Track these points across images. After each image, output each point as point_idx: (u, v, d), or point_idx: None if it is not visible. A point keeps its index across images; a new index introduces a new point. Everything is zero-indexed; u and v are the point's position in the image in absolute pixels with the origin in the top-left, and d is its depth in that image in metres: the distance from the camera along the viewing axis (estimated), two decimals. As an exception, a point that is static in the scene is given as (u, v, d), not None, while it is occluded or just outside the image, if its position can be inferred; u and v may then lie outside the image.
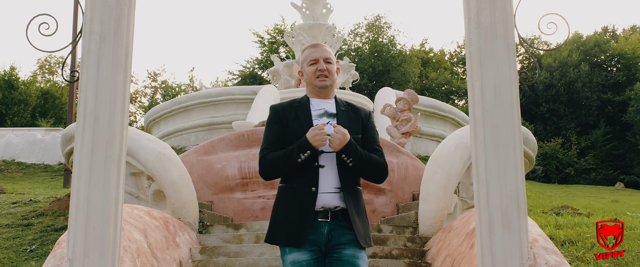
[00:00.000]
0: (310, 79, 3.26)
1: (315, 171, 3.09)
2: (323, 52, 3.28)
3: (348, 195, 3.10)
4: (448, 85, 41.60)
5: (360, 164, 3.10)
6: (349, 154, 3.07)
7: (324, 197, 3.07)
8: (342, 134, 3.07)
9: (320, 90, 3.26)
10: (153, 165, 6.36)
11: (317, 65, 3.24)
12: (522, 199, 3.34)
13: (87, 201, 3.41)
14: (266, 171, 3.16)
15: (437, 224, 6.33)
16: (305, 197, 3.06)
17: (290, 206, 3.08)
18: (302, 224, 3.03)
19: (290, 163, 3.07)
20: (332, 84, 3.27)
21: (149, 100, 45.84)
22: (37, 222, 8.21)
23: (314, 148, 3.05)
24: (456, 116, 18.64)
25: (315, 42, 3.38)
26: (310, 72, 3.25)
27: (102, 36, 3.59)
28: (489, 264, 3.32)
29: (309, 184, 3.07)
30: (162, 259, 5.21)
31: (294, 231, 3.04)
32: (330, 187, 3.09)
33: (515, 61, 3.45)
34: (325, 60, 3.26)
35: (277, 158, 3.10)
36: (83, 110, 3.52)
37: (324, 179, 3.09)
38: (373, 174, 3.18)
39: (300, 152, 3.05)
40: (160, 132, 18.58)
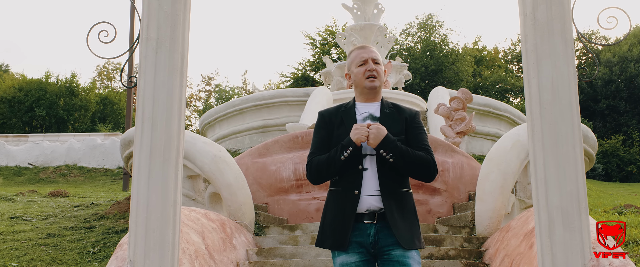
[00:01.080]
0: (359, 80, 3.24)
1: (359, 174, 3.09)
2: (371, 53, 3.26)
3: (389, 197, 3.07)
4: (502, 84, 40.90)
5: (402, 160, 3.06)
6: (387, 149, 3.05)
7: (367, 199, 3.07)
8: (376, 128, 3.06)
9: (368, 92, 3.24)
10: (209, 168, 6.45)
11: (366, 66, 3.22)
12: (583, 198, 3.26)
13: (147, 204, 3.47)
14: (313, 175, 3.19)
15: (494, 224, 6.23)
16: (348, 200, 3.07)
17: (336, 210, 3.11)
18: (345, 227, 3.05)
19: (334, 163, 3.07)
20: (380, 85, 3.25)
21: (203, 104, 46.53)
22: (99, 224, 8.43)
23: (355, 145, 3.05)
24: (511, 114, 18.31)
25: (362, 44, 3.37)
26: (359, 73, 3.24)
27: (159, 42, 3.66)
28: (549, 265, 3.25)
29: (351, 187, 3.08)
30: (220, 261, 5.28)
31: (338, 234, 3.06)
32: (372, 189, 3.08)
33: (573, 57, 3.36)
34: (374, 61, 3.24)
35: (322, 160, 3.13)
36: (141, 115, 3.59)
37: (367, 181, 3.08)
38: (418, 171, 3.13)
39: (343, 150, 3.05)
40: (215, 135, 18.82)
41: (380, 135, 3.05)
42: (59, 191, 13.18)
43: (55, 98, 35.66)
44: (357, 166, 3.09)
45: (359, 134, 3.04)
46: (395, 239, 3.04)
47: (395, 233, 3.02)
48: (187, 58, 3.77)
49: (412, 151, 3.11)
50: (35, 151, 21.13)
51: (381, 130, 3.07)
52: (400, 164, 3.07)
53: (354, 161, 3.09)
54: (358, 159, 3.09)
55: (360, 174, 3.09)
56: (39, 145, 21.39)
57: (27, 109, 35.17)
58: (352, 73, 3.29)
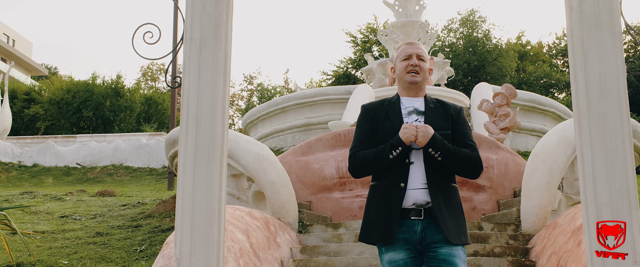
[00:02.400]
0: (401, 74, 3.25)
1: (406, 168, 3.07)
2: (417, 49, 3.27)
3: (437, 191, 3.05)
4: (547, 79, 40.19)
5: (449, 158, 3.05)
6: (435, 147, 3.04)
7: (413, 193, 3.05)
8: (425, 127, 3.05)
9: (410, 87, 3.23)
10: (253, 166, 6.50)
11: (410, 61, 3.23)
12: (634, 194, 3.19)
13: (192, 203, 3.52)
14: (356, 169, 3.17)
15: (541, 221, 6.14)
16: (394, 193, 3.05)
17: (380, 204, 3.08)
18: (391, 220, 3.02)
19: (381, 160, 3.06)
20: (422, 81, 3.24)
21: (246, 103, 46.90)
22: (145, 223, 8.57)
23: (405, 145, 3.04)
24: (557, 110, 17.99)
25: (410, 40, 3.36)
26: (402, 67, 3.24)
27: (202, 42, 3.70)
28: (599, 263, 3.19)
29: (397, 180, 3.06)
30: (264, 259, 5.32)
31: (384, 228, 3.03)
32: (419, 183, 3.06)
33: (622, 51, 3.29)
34: (418, 56, 3.24)
35: (368, 155, 3.11)
36: (186, 115, 3.64)
37: (413, 175, 3.07)
38: (465, 168, 3.11)
39: (392, 149, 3.04)
40: (257, 134, 18.96)
41: (428, 134, 3.04)
42: (106, 191, 13.46)
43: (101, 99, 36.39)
44: (403, 160, 3.08)
45: (409, 134, 3.03)
46: (442, 236, 3.01)
47: (443, 227, 2.99)
48: (230, 58, 3.81)
49: (459, 149, 3.10)
50: (83, 151, 21.60)
51: (429, 129, 3.06)
52: (447, 162, 3.06)
53: (401, 156, 3.08)
54: (405, 153, 3.08)
55: (407, 167, 3.07)
56: (87, 145, 21.86)
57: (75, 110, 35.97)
58: (396, 67, 3.30)
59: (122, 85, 38.46)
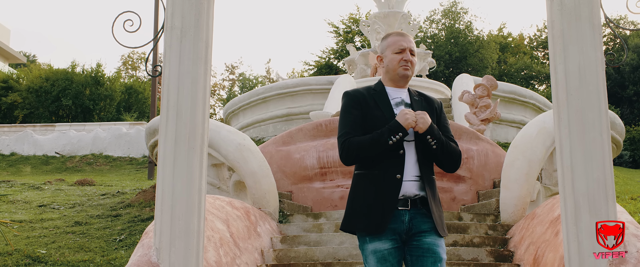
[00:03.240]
0: (393, 66, 3.22)
1: (401, 159, 3.06)
2: (410, 43, 3.26)
3: (427, 183, 3.08)
4: (528, 70, 40.45)
5: (442, 148, 3.09)
6: (433, 135, 3.06)
7: (406, 185, 3.05)
8: (424, 114, 3.07)
9: (399, 80, 3.23)
10: (233, 156, 6.48)
11: (403, 55, 3.21)
12: (610, 185, 3.23)
13: (172, 192, 3.51)
14: (350, 154, 3.09)
15: (519, 212, 6.19)
16: (388, 184, 3.03)
17: (370, 193, 3.06)
18: (384, 211, 3.01)
19: (379, 145, 3.03)
20: (411, 75, 3.26)
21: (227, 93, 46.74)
22: (125, 213, 8.53)
23: (405, 130, 3.04)
24: (537, 101, 18.13)
25: (403, 32, 3.35)
26: (395, 60, 3.22)
27: (183, 31, 3.68)
28: (575, 252, 3.23)
29: (392, 171, 3.05)
30: (244, 248, 5.31)
31: (375, 218, 3.02)
32: (411, 175, 3.07)
33: (601, 43, 3.32)
34: (411, 51, 3.24)
35: (365, 141, 3.06)
36: (166, 104, 3.62)
37: (406, 167, 3.07)
38: (450, 161, 3.15)
39: (391, 134, 3.03)
40: (239, 124, 18.90)
41: (427, 121, 3.06)
42: (85, 180, 13.36)
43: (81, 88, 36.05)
44: (398, 151, 3.07)
45: (410, 120, 3.04)
46: (429, 225, 3.04)
47: (434, 219, 3.03)
48: (211, 47, 3.79)
49: (448, 141, 3.13)
50: (62, 140, 21.41)
51: (427, 116, 3.08)
52: (439, 151, 3.09)
53: (396, 145, 3.08)
54: (400, 143, 3.08)
55: (402, 159, 3.07)
56: (66, 134, 21.67)
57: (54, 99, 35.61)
58: (386, 57, 3.26)
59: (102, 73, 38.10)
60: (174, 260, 3.44)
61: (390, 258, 3.02)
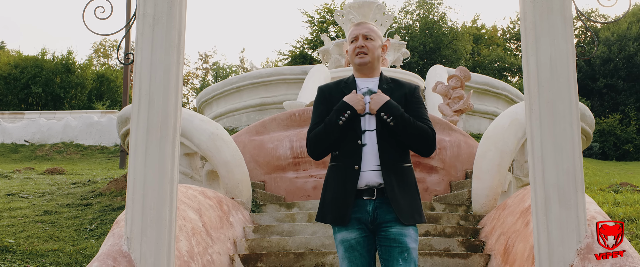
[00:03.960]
0: (351, 56, 3.27)
1: (359, 149, 3.08)
2: (362, 29, 3.25)
3: (390, 172, 3.07)
4: (501, 62, 40.82)
5: (402, 125, 3.06)
6: (389, 112, 3.06)
7: (366, 175, 3.07)
8: (377, 95, 3.10)
9: (361, 68, 3.24)
10: (206, 145, 6.44)
11: (356, 43, 3.23)
12: (580, 176, 3.27)
13: (144, 181, 3.47)
14: (312, 147, 3.18)
15: (491, 202, 6.25)
16: (348, 175, 3.07)
17: (336, 185, 3.10)
18: (346, 202, 3.05)
19: (331, 129, 3.07)
20: (371, 61, 3.22)
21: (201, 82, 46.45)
22: (96, 202, 8.45)
23: (353, 109, 3.06)
24: (509, 93, 18.31)
25: (360, 21, 3.35)
26: (351, 50, 3.26)
27: (156, 18, 3.63)
28: (545, 242, 3.27)
29: (351, 162, 3.08)
30: (217, 238, 5.29)
31: (339, 209, 3.06)
32: (372, 165, 3.08)
33: (572, 35, 3.35)
34: (364, 36, 3.22)
35: (320, 130, 3.13)
36: (138, 92, 3.58)
37: (367, 157, 3.08)
38: (419, 141, 3.11)
39: (339, 114, 3.06)
40: (212, 113, 18.81)
41: (382, 99, 3.08)
42: (55, 169, 13.19)
43: (51, 75, 35.55)
44: (356, 141, 3.09)
45: (356, 99, 3.08)
46: (394, 215, 3.04)
47: (395, 209, 3.02)
48: (184, 35, 3.75)
49: (413, 120, 3.11)
50: (32, 128, 21.10)
51: (382, 95, 3.10)
52: (400, 128, 3.06)
53: (353, 135, 3.09)
54: (357, 133, 3.08)
55: (360, 149, 3.08)
56: (36, 122, 21.37)
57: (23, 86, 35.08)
58: (348, 49, 3.30)
59: (73, 61, 37.61)
60: (145, 249, 3.42)
61: (358, 247, 3.05)
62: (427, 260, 5.12)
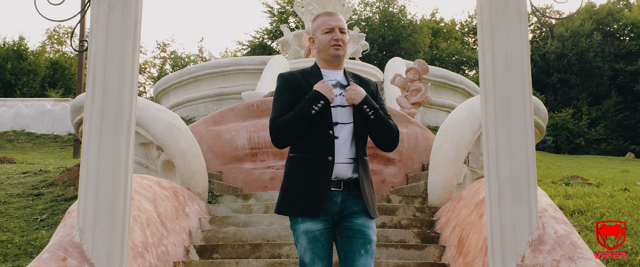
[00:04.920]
0: (324, 47, 3.21)
1: (331, 141, 3.07)
2: (338, 21, 3.24)
3: (360, 165, 3.10)
4: (458, 56, 41.31)
5: (380, 119, 3.10)
6: (369, 105, 3.08)
7: (339, 167, 3.07)
8: (356, 87, 3.11)
9: (332, 60, 3.22)
10: (162, 135, 6.37)
11: (333, 34, 3.20)
12: (532, 169, 3.33)
13: (97, 171, 3.42)
14: (279, 136, 3.09)
15: (446, 194, 6.33)
16: (321, 167, 3.04)
17: (305, 176, 3.06)
18: (319, 194, 3.02)
19: (302, 118, 3.03)
20: (344, 54, 3.25)
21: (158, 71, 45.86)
22: (47, 192, 8.27)
23: (327, 99, 3.05)
24: (466, 86, 18.54)
25: (330, 11, 3.34)
26: (325, 40, 3.20)
27: (111, 5, 3.57)
28: (498, 234, 3.32)
29: (325, 153, 3.05)
30: (172, 229, 5.24)
31: (310, 201, 3.03)
32: (344, 157, 3.08)
33: (527, 30, 3.41)
34: (340, 29, 3.22)
35: (288, 118, 3.06)
36: (92, 81, 3.52)
37: (339, 149, 3.08)
38: (387, 136, 3.16)
39: (312, 103, 3.03)
40: (169, 103, 18.60)
41: (361, 92, 3.10)
42: (5, 157, 12.87)
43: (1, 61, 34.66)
44: (327, 132, 3.07)
45: (327, 89, 3.06)
46: (360, 207, 3.07)
47: (365, 202, 3.05)
48: (140, 23, 3.70)
49: (384, 116, 3.15)
50: (-19, 115, 20.55)
51: (360, 88, 3.11)
52: (378, 122, 3.10)
53: (325, 127, 3.07)
54: (328, 124, 3.07)
55: (333, 141, 3.07)
56: (-15, 110, 20.81)
57: (-27, 73, 34.14)
58: (317, 39, 3.25)
59: (25, 47, 36.70)
60: (98, 240, 3.36)
61: (321, 238, 3.05)
62: (383, 251, 5.16)
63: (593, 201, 7.49)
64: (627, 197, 7.98)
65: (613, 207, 7.21)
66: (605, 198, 7.77)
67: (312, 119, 3.04)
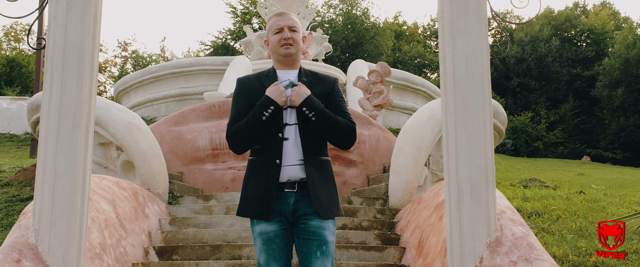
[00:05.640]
0: (275, 47, 3.23)
1: (280, 143, 3.08)
2: (288, 20, 3.23)
3: (311, 166, 3.09)
4: (420, 59, 41.70)
5: (324, 120, 3.08)
6: (309, 107, 3.07)
7: (288, 169, 3.07)
8: (299, 87, 3.10)
9: (284, 59, 3.22)
10: (122, 135, 6.29)
11: (282, 34, 3.20)
12: (491, 172, 3.38)
13: (54, 171, 3.36)
14: (234, 142, 3.13)
15: (407, 196, 6.38)
16: (270, 170, 3.06)
17: (258, 179, 3.08)
18: (268, 196, 3.04)
19: (254, 125, 3.04)
20: (296, 52, 3.23)
21: (119, 70, 45.24)
22: (2, 192, 8.09)
23: (277, 104, 3.05)
24: (428, 89, 18.70)
25: (281, 11, 3.34)
26: (275, 40, 3.22)
27: (70, 2, 3.51)
28: (457, 235, 3.36)
29: (273, 156, 3.07)
30: (131, 230, 5.18)
31: (261, 203, 3.05)
32: (294, 159, 3.08)
33: (487, 34, 3.46)
34: (290, 28, 3.22)
35: (241, 124, 3.09)
36: (50, 79, 3.46)
37: (288, 151, 3.08)
38: (340, 135, 3.14)
39: (263, 110, 3.04)
40: (130, 103, 18.36)
41: (304, 93, 3.08)
42: (-39, 156, 12.55)
43: (-43, 58, 33.82)
44: (277, 135, 3.07)
45: (277, 93, 3.05)
46: (314, 208, 3.06)
47: (315, 203, 3.05)
48: (100, 21, 3.65)
49: (334, 115, 3.14)
50: None
51: (303, 89, 3.10)
52: (322, 123, 3.08)
53: (274, 129, 3.07)
54: (278, 127, 3.08)
55: (281, 143, 3.07)
56: (-62, 108, 20.25)
57: None
58: (269, 40, 3.27)
59: (-19, 44, 35.87)
60: (54, 241, 3.30)
61: (276, 240, 3.05)
62: (344, 253, 5.18)
63: (550, 204, 7.63)
64: (583, 200, 8.16)
65: (569, 209, 7.36)
66: (561, 200, 7.93)
67: (264, 125, 3.05)
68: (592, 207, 7.59)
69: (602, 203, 7.93)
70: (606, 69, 34.60)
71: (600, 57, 37.62)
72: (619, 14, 42.62)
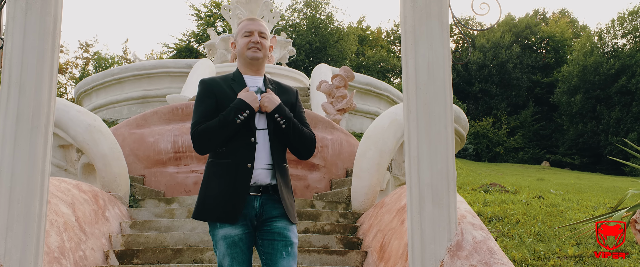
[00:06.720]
0: (242, 50, 3.23)
1: (252, 147, 3.07)
2: (258, 26, 3.26)
3: (278, 171, 3.11)
4: (384, 63, 41.99)
5: (293, 128, 3.11)
6: (282, 114, 3.09)
7: (258, 173, 3.07)
8: (270, 94, 3.12)
9: (251, 63, 3.22)
10: (83, 137, 6.20)
11: (251, 37, 3.21)
12: (452, 176, 3.42)
13: (11, 173, 3.30)
14: (201, 142, 3.07)
15: (370, 200, 6.41)
16: (239, 173, 3.04)
17: (224, 182, 3.05)
18: (237, 200, 3.02)
19: (227, 127, 3.02)
20: (263, 58, 3.24)
21: (80, 72, 44.56)
22: (-41, 195, 7.90)
23: (251, 108, 3.05)
24: (391, 94, 18.82)
25: (252, 17, 3.35)
26: (243, 43, 3.22)
27: (29, 2, 3.46)
28: (418, 240, 3.39)
29: (244, 160, 3.05)
30: (91, 233, 5.11)
31: (228, 206, 3.02)
32: (263, 163, 3.09)
33: (449, 40, 3.50)
34: (260, 34, 3.24)
35: (212, 124, 3.04)
36: (7, 80, 3.40)
37: (258, 155, 3.08)
38: (303, 145, 3.17)
39: (237, 112, 3.03)
40: (91, 105, 18.10)
41: (275, 100, 3.10)
42: None
43: None
44: (249, 139, 3.07)
45: (252, 97, 3.05)
46: (279, 211, 3.07)
47: (284, 207, 3.06)
48: (60, 21, 3.60)
49: (300, 125, 3.17)
50: None
51: (274, 96, 3.11)
52: (290, 131, 3.10)
53: (246, 133, 3.07)
54: (251, 131, 3.07)
55: (253, 147, 3.07)
56: None
57: None
58: (237, 43, 3.28)
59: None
60: (10, 245, 3.24)
61: (240, 244, 3.04)
62: (306, 257, 5.18)
63: (510, 208, 7.75)
64: (542, 205, 8.31)
65: (528, 213, 7.48)
66: (521, 205, 8.06)
67: (236, 128, 3.04)
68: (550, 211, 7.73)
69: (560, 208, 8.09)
70: (565, 76, 35.32)
71: (559, 64, 38.40)
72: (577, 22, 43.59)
